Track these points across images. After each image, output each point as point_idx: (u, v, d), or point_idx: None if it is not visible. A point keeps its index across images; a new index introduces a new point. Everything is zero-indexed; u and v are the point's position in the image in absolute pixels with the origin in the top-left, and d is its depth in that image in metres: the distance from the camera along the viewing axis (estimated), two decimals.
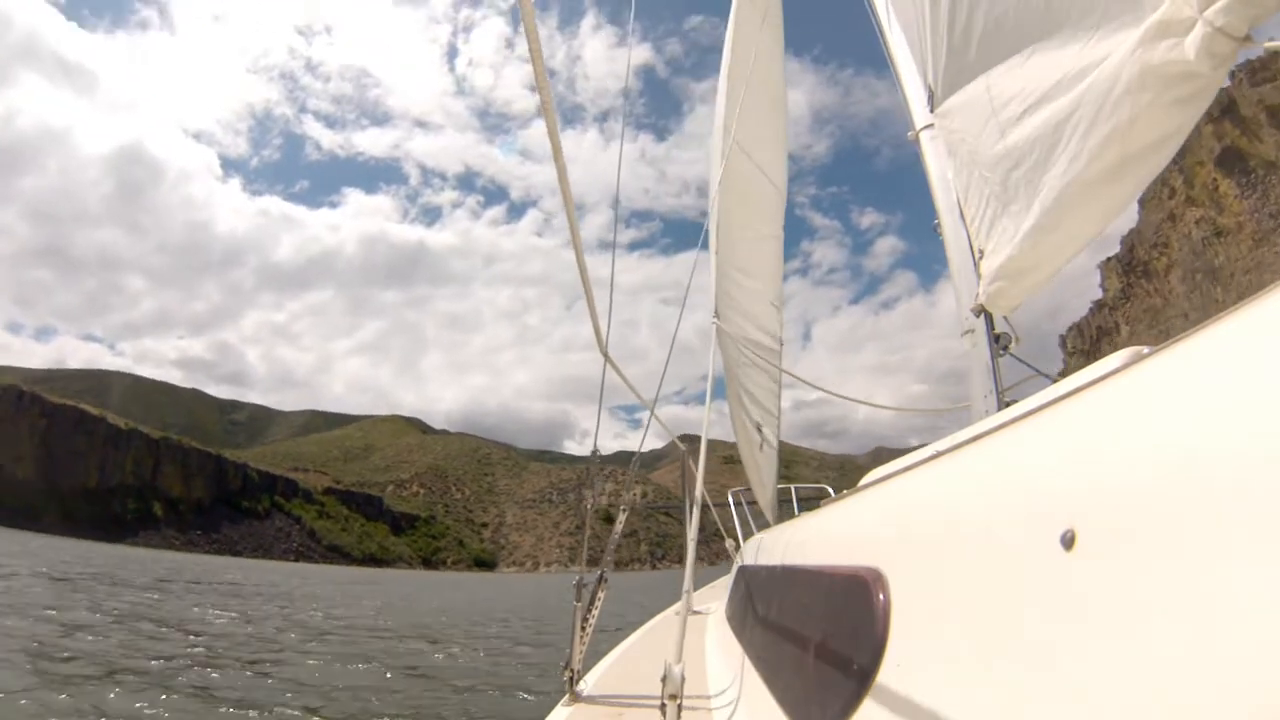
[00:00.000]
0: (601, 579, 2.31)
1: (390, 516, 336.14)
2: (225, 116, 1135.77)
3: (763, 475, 5.42)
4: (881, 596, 0.94)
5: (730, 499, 5.98)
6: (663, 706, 1.47)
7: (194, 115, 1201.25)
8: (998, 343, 2.52)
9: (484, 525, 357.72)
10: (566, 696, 2.04)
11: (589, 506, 2.86)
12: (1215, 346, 0.53)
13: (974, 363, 2.52)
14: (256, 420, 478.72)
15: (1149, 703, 0.44)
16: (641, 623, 4.24)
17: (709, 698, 2.07)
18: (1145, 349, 0.74)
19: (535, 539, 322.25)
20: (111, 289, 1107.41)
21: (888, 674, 0.87)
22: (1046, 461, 0.68)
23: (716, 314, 4.47)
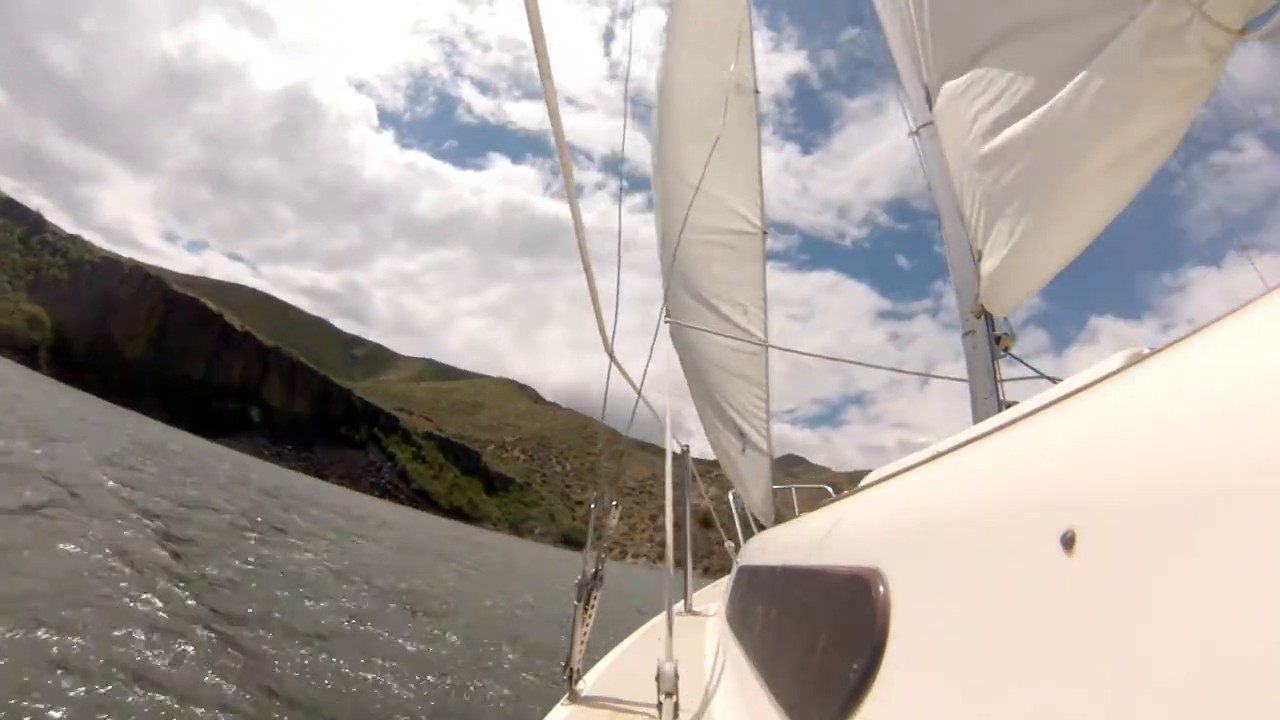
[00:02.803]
0: (597, 577, 2.25)
1: (486, 474, 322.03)
2: (386, 71, 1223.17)
3: (748, 479, 5.40)
4: (881, 596, 0.94)
5: (731, 499, 6.02)
6: (658, 705, 1.51)
7: (359, 67, 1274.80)
8: (998, 343, 2.51)
9: (579, 503, 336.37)
10: (565, 696, 2.04)
11: (591, 505, 2.81)
12: (1215, 346, 0.53)
13: (974, 363, 2.53)
14: (375, 358, 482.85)
15: (1149, 703, 0.44)
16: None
17: (708, 698, 2.07)
18: (1145, 349, 0.74)
19: (628, 528, 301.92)
20: (261, 215, 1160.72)
21: (888, 674, 0.87)
22: (1046, 461, 0.68)
23: (668, 314, 4.31)
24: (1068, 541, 0.55)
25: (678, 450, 4.80)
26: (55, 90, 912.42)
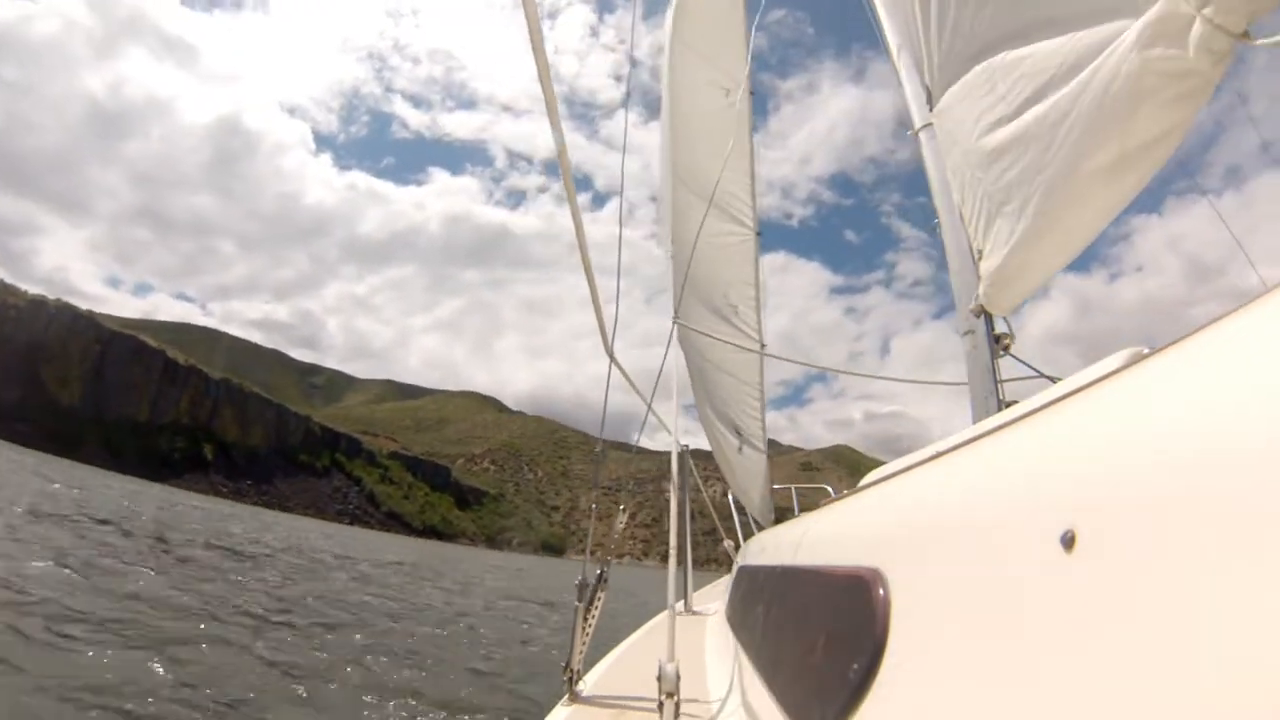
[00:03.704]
0: (602, 578, 2.26)
1: (457, 489, 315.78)
2: (318, 93, 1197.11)
3: (746, 477, 5.48)
4: (881, 596, 0.94)
5: (731, 500, 6.02)
6: (660, 705, 1.51)
7: (290, 91, 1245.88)
8: (998, 343, 2.52)
9: (555, 509, 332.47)
10: (566, 696, 2.04)
11: (593, 505, 2.83)
12: (1215, 346, 0.53)
13: (974, 363, 2.53)
14: (334, 385, 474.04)
15: (1149, 703, 0.44)
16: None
17: (708, 698, 2.08)
18: (1145, 349, 0.74)
19: (609, 528, 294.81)
20: (205, 251, 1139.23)
21: (888, 674, 0.87)
22: (1046, 461, 0.68)
23: (677, 313, 4.24)
24: (1068, 541, 0.55)
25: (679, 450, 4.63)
26: None
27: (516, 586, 29.81)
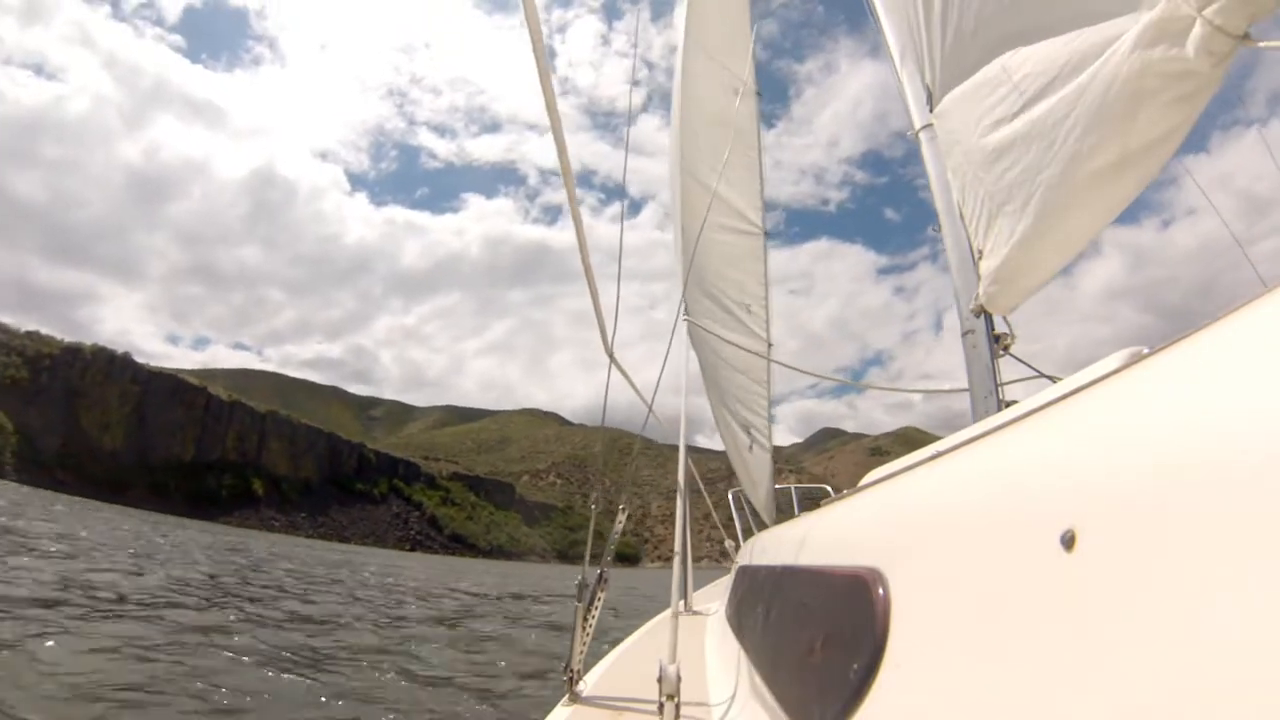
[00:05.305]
0: (602, 578, 2.26)
1: (524, 506, 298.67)
2: (345, 135, 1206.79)
3: (754, 476, 5.55)
4: (881, 596, 0.94)
5: (730, 499, 6.13)
6: (660, 706, 1.51)
7: (318, 136, 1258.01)
8: (998, 343, 2.53)
9: (628, 516, 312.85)
10: (566, 697, 2.04)
11: (593, 505, 2.88)
12: (1215, 346, 0.52)
13: (974, 363, 2.54)
14: (393, 415, 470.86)
15: (1149, 703, 0.43)
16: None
17: (708, 698, 2.08)
18: (1145, 349, 0.74)
19: (668, 530, 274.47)
20: (255, 301, 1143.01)
21: (888, 674, 0.87)
22: (1046, 461, 0.68)
23: (687, 311, 4.30)
24: (1068, 541, 0.55)
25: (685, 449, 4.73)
26: (31, 221, 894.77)
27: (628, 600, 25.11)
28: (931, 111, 2.63)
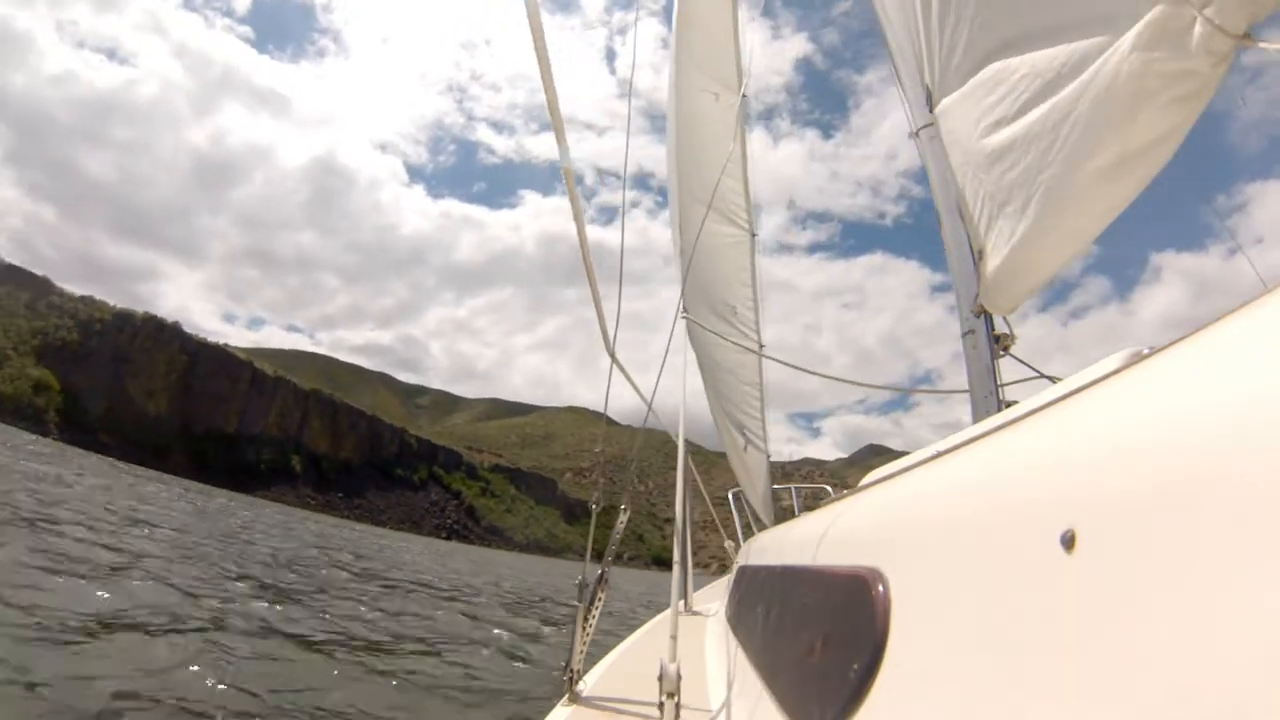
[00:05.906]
0: (602, 578, 2.26)
1: (564, 502, 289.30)
2: (405, 128, 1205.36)
3: (751, 476, 5.61)
4: (881, 596, 0.94)
5: (730, 499, 6.23)
6: (660, 706, 1.51)
7: (378, 128, 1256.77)
8: (998, 343, 2.52)
9: (667, 520, 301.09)
10: (566, 697, 2.05)
11: (593, 506, 2.86)
12: (1215, 347, 0.52)
13: (974, 363, 2.53)
14: (439, 405, 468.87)
15: (1150, 704, 0.43)
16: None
17: (708, 698, 2.09)
18: (1145, 349, 0.74)
19: (723, 538, 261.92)
20: (310, 285, 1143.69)
21: (888, 674, 0.86)
22: (1046, 461, 0.68)
23: (685, 309, 4.21)
24: (1068, 541, 0.55)
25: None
26: (100, 198, 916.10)
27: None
28: (932, 111, 2.62)
